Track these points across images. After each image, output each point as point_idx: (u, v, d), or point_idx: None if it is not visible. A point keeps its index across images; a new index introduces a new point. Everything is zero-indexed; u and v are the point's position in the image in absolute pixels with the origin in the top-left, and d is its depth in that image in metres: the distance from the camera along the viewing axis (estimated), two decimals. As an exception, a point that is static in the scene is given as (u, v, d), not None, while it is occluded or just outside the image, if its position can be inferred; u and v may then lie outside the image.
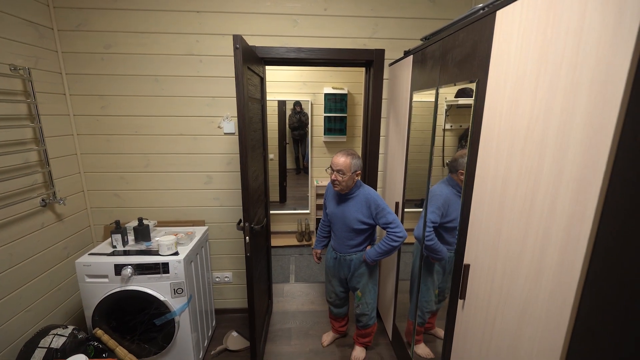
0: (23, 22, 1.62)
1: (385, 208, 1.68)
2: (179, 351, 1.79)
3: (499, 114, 0.92)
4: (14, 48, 1.57)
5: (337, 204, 1.79)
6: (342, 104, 3.53)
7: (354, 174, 1.68)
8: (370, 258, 1.73)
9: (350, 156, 1.67)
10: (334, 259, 1.88)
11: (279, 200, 4.25)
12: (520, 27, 0.82)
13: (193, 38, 1.91)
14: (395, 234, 1.65)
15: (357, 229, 1.73)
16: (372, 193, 1.72)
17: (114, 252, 1.71)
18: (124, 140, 2.02)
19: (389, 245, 1.66)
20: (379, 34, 1.98)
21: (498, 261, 0.94)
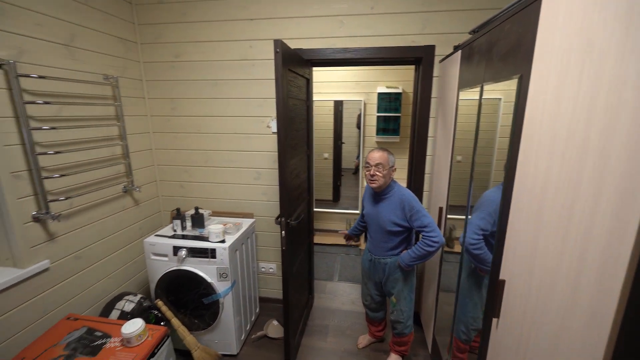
0: (115, 39, 1.95)
1: (421, 210, 1.60)
2: (223, 330, 1.96)
3: (540, 112, 0.82)
4: (108, 60, 1.91)
5: (372, 205, 1.77)
6: (396, 103, 3.42)
7: (391, 169, 1.67)
8: (404, 262, 1.67)
9: (385, 151, 1.67)
10: (369, 261, 1.85)
11: (332, 199, 4.31)
12: (567, 12, 0.72)
13: (247, 44, 2.06)
14: (431, 239, 1.56)
15: (391, 230, 1.68)
16: (407, 194, 1.65)
17: (174, 235, 1.96)
18: (188, 137, 2.29)
19: (424, 250, 1.58)
20: (429, 29, 1.88)
21: (533, 277, 0.84)
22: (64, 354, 1.38)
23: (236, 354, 2.03)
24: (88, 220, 1.80)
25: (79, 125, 1.72)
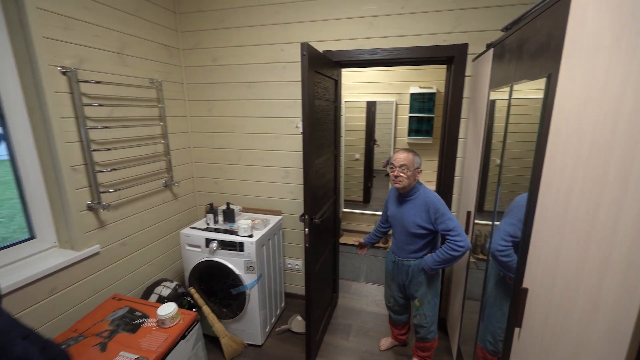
0: (160, 46, 2.13)
1: (446, 213, 1.56)
2: (249, 321, 2.06)
3: (567, 113, 0.78)
4: (153, 66, 2.09)
5: (396, 206, 1.75)
6: (430, 103, 3.33)
7: (416, 170, 1.65)
8: (427, 266, 1.64)
9: (411, 152, 1.65)
10: (393, 262, 1.84)
11: (362, 200, 4.29)
12: (596, 6, 0.68)
13: (278, 47, 2.14)
14: (456, 243, 1.51)
15: (415, 233, 1.66)
16: (432, 196, 1.62)
17: (207, 228, 2.10)
18: (223, 137, 2.43)
19: (448, 255, 1.54)
20: (461, 28, 1.82)
21: (555, 286, 0.80)
22: (109, 329, 1.54)
23: (261, 344, 2.12)
24: (133, 211, 1.98)
25: (127, 125, 1.90)
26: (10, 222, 1.80)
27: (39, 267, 1.47)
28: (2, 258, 1.44)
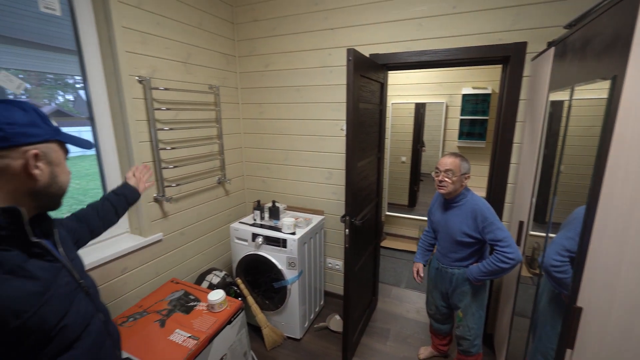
0: (219, 54, 2.33)
1: (495, 222, 1.48)
2: (289, 315, 2.15)
3: (632, 118, 0.71)
4: (213, 73, 2.29)
5: (441, 212, 1.70)
6: (484, 105, 3.14)
7: (463, 176, 1.57)
8: (472, 276, 1.57)
9: (459, 157, 1.58)
10: (436, 269, 1.79)
11: (407, 204, 4.19)
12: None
13: (326, 52, 2.21)
14: (505, 255, 1.43)
15: (460, 241, 1.59)
16: (480, 203, 1.54)
17: (253, 224, 2.24)
18: (271, 138, 2.56)
19: (496, 266, 1.46)
20: (520, 25, 1.70)
21: (613, 306, 0.73)
22: (168, 308, 1.73)
23: (299, 338, 2.20)
24: (190, 204, 2.19)
25: (189, 127, 2.11)
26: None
27: (115, 249, 1.71)
28: (87, 239, 1.70)
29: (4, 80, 1.36)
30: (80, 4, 1.56)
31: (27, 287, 0.59)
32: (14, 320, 0.56)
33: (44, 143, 0.64)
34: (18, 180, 0.61)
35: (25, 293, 0.59)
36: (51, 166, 0.65)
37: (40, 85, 1.82)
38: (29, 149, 0.61)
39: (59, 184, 0.68)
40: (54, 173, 0.66)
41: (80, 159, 7.63)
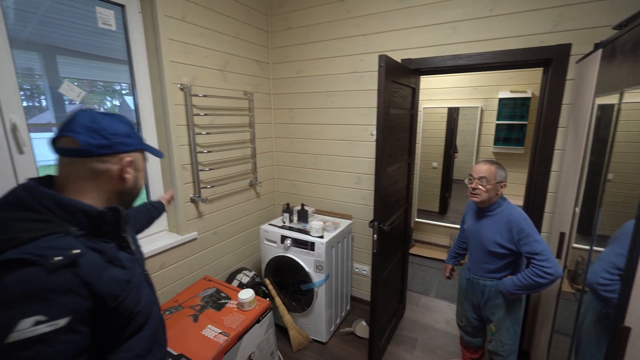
0: (253, 62, 2.43)
1: (532, 234, 1.40)
2: (315, 318, 2.17)
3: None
4: (247, 79, 2.39)
5: (474, 220, 1.64)
6: (523, 109, 3.00)
7: (499, 184, 1.51)
8: (506, 289, 1.49)
9: (495, 165, 1.52)
10: (467, 279, 1.72)
11: (437, 211, 4.08)
12: None
13: (358, 58, 2.22)
14: (543, 269, 1.35)
15: (493, 251, 1.53)
16: (516, 213, 1.47)
17: (282, 226, 2.29)
18: (301, 142, 2.62)
19: (532, 281, 1.38)
20: (563, 26, 1.62)
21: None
22: (200, 304, 1.82)
23: (325, 342, 2.21)
24: (223, 205, 2.29)
25: (224, 131, 2.22)
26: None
27: (156, 245, 1.83)
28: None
29: (67, 90, 1.51)
30: (132, 19, 1.70)
31: (120, 275, 0.68)
32: (112, 302, 0.64)
33: (134, 152, 0.75)
34: (113, 182, 0.72)
35: (120, 280, 0.67)
36: (137, 171, 0.77)
37: (91, 92, 2.00)
38: (125, 156, 0.72)
39: (139, 187, 0.80)
40: (137, 177, 0.78)
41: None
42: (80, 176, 0.68)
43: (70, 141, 0.66)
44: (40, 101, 1.69)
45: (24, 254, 0.55)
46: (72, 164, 0.68)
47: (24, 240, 0.57)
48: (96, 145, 0.67)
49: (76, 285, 0.58)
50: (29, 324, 0.53)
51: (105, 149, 0.69)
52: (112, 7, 1.64)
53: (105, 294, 0.63)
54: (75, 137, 0.66)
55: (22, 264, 0.54)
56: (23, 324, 0.52)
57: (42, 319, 0.54)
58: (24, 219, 0.60)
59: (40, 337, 0.53)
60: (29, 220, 0.60)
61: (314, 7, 2.32)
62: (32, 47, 1.48)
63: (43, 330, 0.53)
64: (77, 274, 0.59)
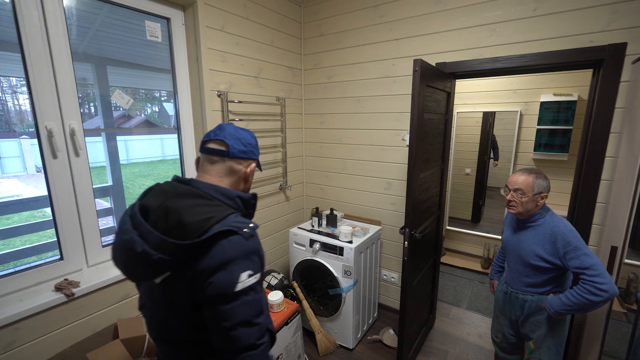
0: (286, 68, 2.49)
1: (581, 247, 1.29)
2: (342, 323, 2.16)
3: None
4: (280, 86, 2.45)
5: (513, 231, 1.55)
6: (568, 113, 2.81)
7: (538, 196, 1.40)
8: (552, 308, 1.37)
9: (533, 174, 1.40)
10: (504, 293, 1.63)
11: (470, 219, 3.92)
12: None
13: (389, 62, 2.21)
14: (596, 285, 1.23)
15: (534, 265, 1.43)
16: (561, 226, 1.36)
17: (311, 230, 2.31)
18: (331, 147, 2.63)
19: (584, 299, 1.25)
20: (617, 24, 1.51)
21: None
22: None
23: (351, 348, 2.19)
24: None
25: (257, 136, 2.27)
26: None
27: (191, 244, 1.91)
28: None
29: (118, 98, 1.64)
30: (176, 30, 1.81)
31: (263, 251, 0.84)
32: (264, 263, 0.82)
33: (255, 161, 0.93)
34: (239, 181, 0.90)
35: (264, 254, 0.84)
36: (251, 176, 0.94)
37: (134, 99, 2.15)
38: (252, 163, 0.91)
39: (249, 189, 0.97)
40: (250, 181, 0.95)
41: (161, 162, 8.69)
42: (221, 171, 0.86)
43: (221, 144, 0.86)
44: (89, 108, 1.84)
45: (229, 226, 0.74)
46: (216, 161, 0.86)
47: (219, 218, 0.75)
48: (238, 149, 0.87)
49: (258, 248, 0.79)
50: (245, 277, 0.72)
51: (242, 154, 0.88)
52: (159, 20, 1.75)
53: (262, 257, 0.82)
54: (227, 141, 0.86)
55: (231, 233, 0.73)
56: (242, 277, 0.72)
57: (251, 272, 0.74)
58: (204, 204, 0.77)
59: (251, 286, 0.73)
60: (209, 205, 0.77)
61: (347, 14, 2.33)
62: (87, 58, 1.62)
63: (252, 281, 0.74)
64: (255, 240, 0.79)
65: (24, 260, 1.90)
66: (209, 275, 0.71)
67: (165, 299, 0.78)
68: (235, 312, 0.71)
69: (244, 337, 0.71)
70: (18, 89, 1.70)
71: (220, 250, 0.71)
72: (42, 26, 1.31)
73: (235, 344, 0.71)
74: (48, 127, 1.35)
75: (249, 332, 0.72)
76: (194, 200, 0.77)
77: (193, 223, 0.72)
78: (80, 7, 1.51)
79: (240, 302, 0.71)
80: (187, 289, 0.73)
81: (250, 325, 0.72)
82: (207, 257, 0.71)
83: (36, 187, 3.93)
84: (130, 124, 2.48)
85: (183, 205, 0.75)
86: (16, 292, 1.33)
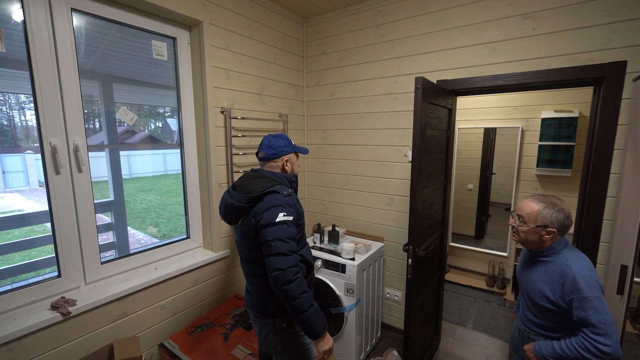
0: (288, 85, 2.52)
1: (591, 299, 1.10)
2: (344, 344, 2.09)
3: None
4: (282, 102, 2.48)
5: (524, 263, 1.42)
6: (569, 129, 2.82)
7: (541, 228, 1.23)
8: (539, 352, 1.24)
9: (542, 204, 1.24)
10: (519, 330, 1.47)
11: (474, 236, 3.87)
12: None
13: (392, 80, 2.24)
14: (598, 345, 1.07)
15: (540, 305, 1.26)
16: (575, 267, 1.17)
17: (313, 247, 2.27)
18: (333, 163, 2.63)
19: (578, 354, 1.11)
20: (617, 43, 1.53)
21: None
22: (231, 323, 1.82)
23: (355, 371, 2.11)
24: (256, 223, 2.33)
25: (259, 151, 2.29)
26: (169, 223, 2.38)
27: (191, 262, 1.88)
28: (169, 250, 1.91)
29: (122, 114, 1.66)
30: (182, 49, 1.85)
31: (300, 207, 1.32)
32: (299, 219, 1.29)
33: (289, 154, 1.39)
34: (282, 170, 1.37)
35: (301, 210, 1.32)
36: (292, 164, 1.40)
37: (138, 115, 2.17)
38: (284, 157, 1.37)
39: (294, 172, 1.42)
40: (293, 167, 1.41)
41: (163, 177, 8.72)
42: (268, 167, 1.37)
43: (261, 153, 1.38)
44: (94, 124, 1.86)
45: (274, 189, 1.23)
46: (263, 165, 1.39)
47: (270, 186, 1.24)
48: (270, 154, 1.35)
49: (293, 204, 1.25)
50: (281, 215, 1.16)
51: (274, 155, 1.35)
52: (165, 40, 1.79)
53: (299, 212, 1.29)
54: (263, 150, 1.37)
55: (276, 192, 1.22)
56: (280, 215, 1.16)
57: (285, 213, 1.18)
58: (263, 180, 1.28)
59: (285, 221, 1.17)
60: (266, 181, 1.28)
61: (349, 33, 2.39)
62: (94, 76, 1.65)
63: (286, 218, 1.17)
64: (293, 200, 1.27)
65: (22, 276, 1.88)
66: (261, 213, 1.18)
67: (242, 231, 1.27)
68: (274, 232, 1.14)
69: (278, 247, 1.12)
70: (26, 105, 1.73)
71: (267, 200, 1.20)
72: (51, 46, 1.35)
73: (272, 250, 1.12)
74: (52, 143, 1.36)
75: (282, 245, 1.13)
76: (258, 179, 1.29)
77: (256, 189, 1.24)
78: (89, 27, 1.55)
79: (276, 228, 1.15)
80: (251, 223, 1.21)
81: (283, 241, 1.13)
82: (261, 203, 1.21)
83: (38, 202, 3.94)
84: (134, 139, 2.51)
85: (252, 181, 1.28)
86: (11, 310, 1.31)
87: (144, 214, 6.56)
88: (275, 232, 1.13)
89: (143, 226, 5.91)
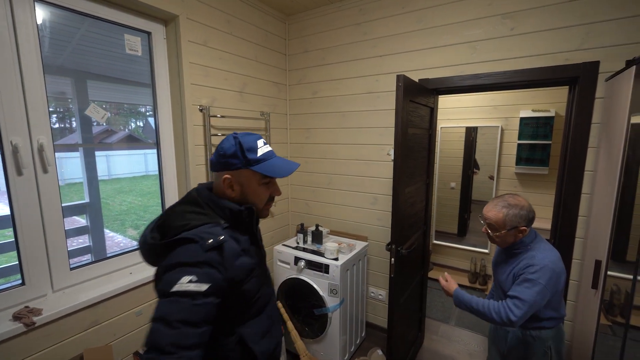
0: (271, 83, 2.48)
1: (535, 282, 1.18)
2: (329, 344, 2.07)
3: None
4: (264, 100, 2.43)
5: (497, 256, 1.48)
6: (546, 128, 2.90)
7: (514, 230, 1.27)
8: (457, 298, 1.38)
9: (505, 208, 1.27)
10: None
11: (456, 233, 3.93)
12: None
13: (373, 79, 2.23)
14: (508, 312, 1.19)
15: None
16: (539, 256, 1.23)
17: (296, 247, 2.24)
18: (316, 162, 2.61)
19: (487, 310, 1.25)
20: (591, 44, 1.57)
21: None
22: (212, 327, 1.76)
23: (339, 371, 2.09)
24: (238, 224, 2.27)
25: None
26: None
27: (169, 264, 1.81)
28: (146, 253, 1.84)
29: (92, 112, 1.57)
30: (157, 45, 1.78)
31: (249, 262, 0.86)
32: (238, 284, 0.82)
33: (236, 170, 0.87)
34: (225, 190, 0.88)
35: (249, 266, 0.85)
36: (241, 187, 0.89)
37: (117, 114, 2.08)
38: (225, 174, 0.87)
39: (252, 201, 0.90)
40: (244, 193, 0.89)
41: (144, 178, 8.45)
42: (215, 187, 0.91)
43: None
44: (70, 123, 1.77)
45: (193, 235, 0.78)
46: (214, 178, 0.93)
47: (193, 226, 0.80)
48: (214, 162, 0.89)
49: (218, 263, 0.77)
50: (185, 280, 0.72)
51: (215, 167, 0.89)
52: (139, 34, 1.72)
53: (235, 275, 0.80)
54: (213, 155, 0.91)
55: (191, 241, 0.77)
56: (182, 280, 0.72)
57: (193, 279, 0.72)
58: (193, 212, 0.85)
59: (189, 291, 0.71)
60: (196, 213, 0.84)
61: (331, 31, 2.37)
62: (65, 72, 1.56)
63: (191, 287, 0.72)
64: (221, 255, 0.78)
65: (-16, 285, 1.75)
66: (163, 272, 0.77)
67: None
68: (161, 307, 0.71)
69: (155, 334, 0.69)
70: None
71: (175, 253, 0.77)
72: (11, 37, 1.26)
73: (147, 337, 0.70)
74: (13, 142, 1.27)
75: (163, 330, 0.68)
76: (188, 207, 0.87)
77: (173, 227, 0.82)
78: (58, 20, 1.47)
79: (169, 300, 0.71)
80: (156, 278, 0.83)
81: (169, 325, 0.69)
82: (168, 257, 0.78)
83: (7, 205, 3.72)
84: (112, 139, 2.40)
85: (178, 210, 0.87)
86: (-31, 322, 1.21)
87: (124, 216, 6.33)
88: (162, 308, 0.71)
89: (122, 229, 5.70)
